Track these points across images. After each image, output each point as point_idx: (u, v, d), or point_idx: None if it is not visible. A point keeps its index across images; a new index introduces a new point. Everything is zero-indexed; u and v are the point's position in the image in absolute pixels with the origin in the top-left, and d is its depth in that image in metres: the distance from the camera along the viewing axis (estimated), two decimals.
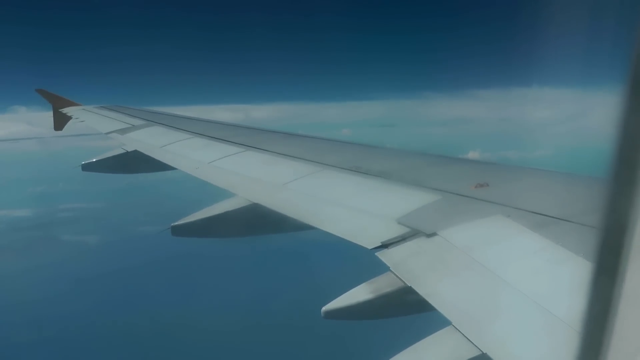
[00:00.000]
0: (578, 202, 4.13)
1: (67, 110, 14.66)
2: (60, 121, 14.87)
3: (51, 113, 15.10)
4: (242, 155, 7.43)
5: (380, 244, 4.10)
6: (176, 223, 5.69)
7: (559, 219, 3.85)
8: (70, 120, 14.27)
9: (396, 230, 4.23)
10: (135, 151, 8.95)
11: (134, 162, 9.01)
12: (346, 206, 5.13)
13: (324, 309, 3.81)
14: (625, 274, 0.97)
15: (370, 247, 4.13)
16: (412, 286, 3.50)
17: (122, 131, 10.49)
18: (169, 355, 30.66)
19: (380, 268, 3.84)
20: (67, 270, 42.55)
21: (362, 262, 4.17)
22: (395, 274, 3.69)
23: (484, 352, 2.73)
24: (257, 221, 5.64)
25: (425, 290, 3.41)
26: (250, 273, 35.99)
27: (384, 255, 3.96)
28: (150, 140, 9.45)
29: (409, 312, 3.82)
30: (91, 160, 9.31)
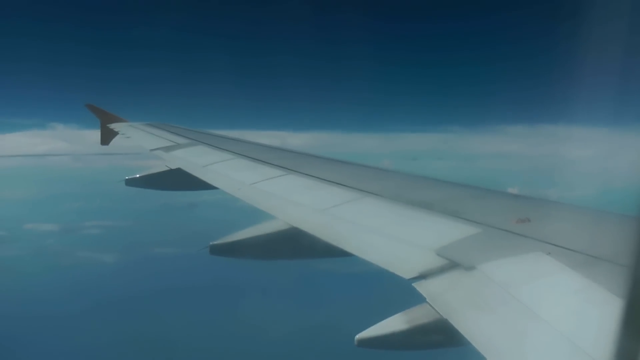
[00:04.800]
0: (620, 242, 4.06)
1: (114, 126, 15.09)
2: (107, 136, 15.35)
3: (90, 131, 15.69)
4: (283, 178, 7.50)
5: (418, 275, 4.09)
6: (215, 242, 5.77)
7: (600, 258, 3.79)
8: (117, 136, 14.69)
9: (435, 262, 4.22)
10: (179, 169, 9.14)
11: (177, 180, 9.20)
12: (385, 235, 5.13)
13: (357, 336, 3.81)
14: None
15: (407, 277, 4.12)
16: (448, 319, 3.48)
17: (167, 149, 10.74)
18: None
19: (417, 299, 3.83)
20: (97, 286, 43.16)
21: (399, 292, 4.17)
22: (431, 306, 3.68)
23: None
24: (295, 245, 5.66)
25: (461, 323, 3.39)
26: (286, 297, 35.93)
27: (421, 286, 3.94)
28: (193, 159, 9.64)
29: (444, 345, 3.79)
30: (135, 176, 9.55)
